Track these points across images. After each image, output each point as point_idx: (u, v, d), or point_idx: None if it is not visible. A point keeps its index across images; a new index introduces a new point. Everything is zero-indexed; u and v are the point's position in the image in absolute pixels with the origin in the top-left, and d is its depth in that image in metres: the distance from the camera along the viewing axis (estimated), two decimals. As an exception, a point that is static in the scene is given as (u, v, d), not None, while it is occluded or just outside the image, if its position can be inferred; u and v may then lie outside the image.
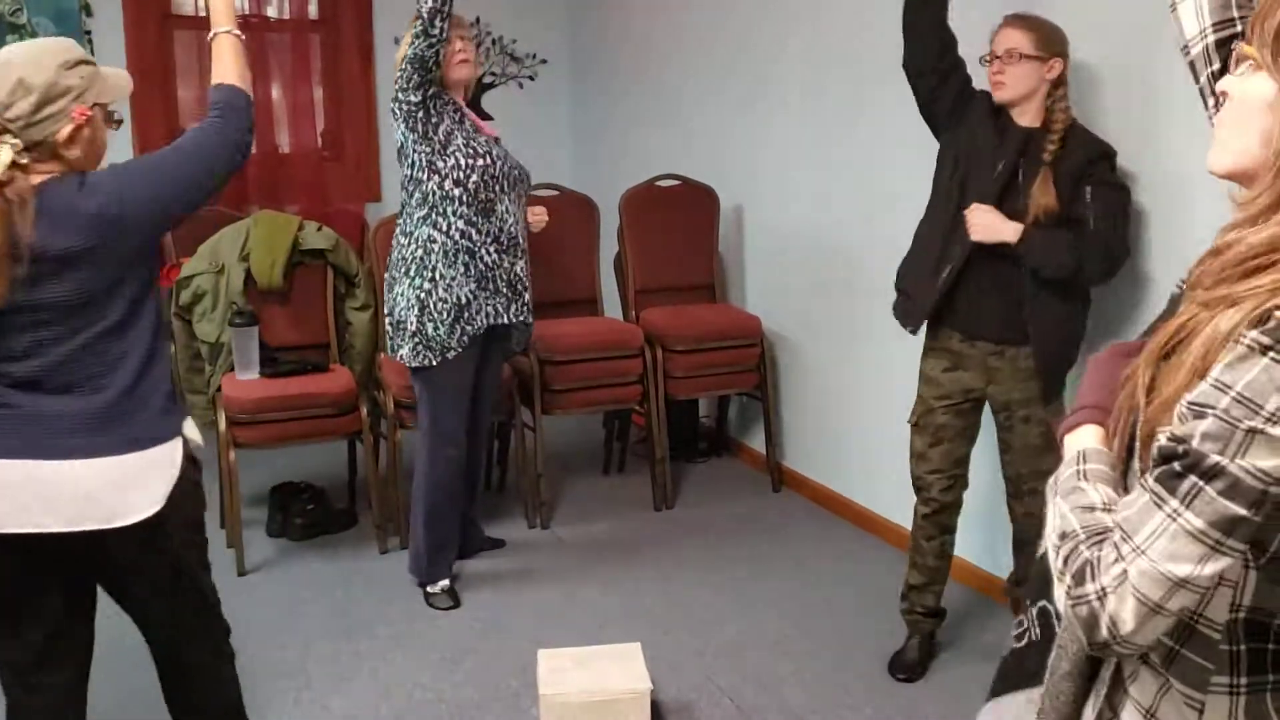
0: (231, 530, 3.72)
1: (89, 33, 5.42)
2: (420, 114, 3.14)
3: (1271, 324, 0.90)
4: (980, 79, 2.77)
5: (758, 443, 4.64)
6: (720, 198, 4.67)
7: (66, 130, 1.88)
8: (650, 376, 4.20)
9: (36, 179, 1.87)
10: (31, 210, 1.83)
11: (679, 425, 4.58)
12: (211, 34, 2.12)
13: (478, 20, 5.93)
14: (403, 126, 3.17)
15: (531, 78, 6.22)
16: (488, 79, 6.07)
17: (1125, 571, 0.95)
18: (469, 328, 3.26)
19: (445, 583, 3.45)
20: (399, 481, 3.87)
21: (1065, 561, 1.01)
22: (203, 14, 5.55)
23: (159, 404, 2.00)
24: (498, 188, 3.23)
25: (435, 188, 3.19)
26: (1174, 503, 0.94)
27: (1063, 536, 1.02)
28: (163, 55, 5.45)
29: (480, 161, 3.18)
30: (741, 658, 3.13)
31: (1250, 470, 0.90)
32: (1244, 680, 1.02)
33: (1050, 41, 2.65)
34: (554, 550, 3.88)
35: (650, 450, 4.28)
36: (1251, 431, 0.90)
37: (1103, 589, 0.96)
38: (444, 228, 3.21)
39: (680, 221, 4.64)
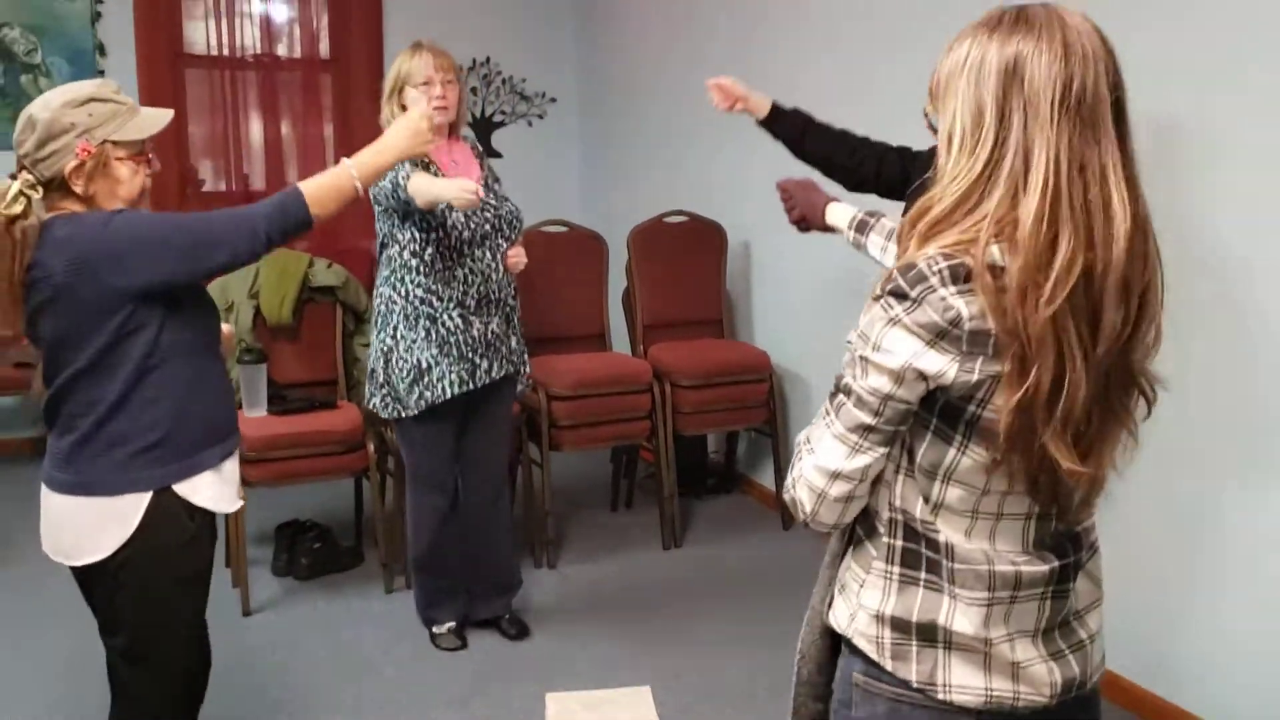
0: (237, 569, 3.70)
1: (102, 72, 5.48)
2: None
3: (886, 280, 1.19)
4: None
5: (767, 479, 4.61)
6: (728, 233, 4.67)
7: (71, 164, 1.90)
8: (659, 412, 4.18)
9: (52, 215, 1.93)
10: (32, 245, 1.88)
11: (687, 461, 4.56)
12: (344, 161, 2.18)
13: (487, 60, 5.99)
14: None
15: (541, 116, 6.25)
16: (498, 118, 6.11)
17: (802, 467, 1.28)
18: (428, 393, 3.12)
19: (451, 624, 3.41)
20: (405, 519, 3.84)
21: (793, 464, 1.33)
22: (214, 53, 5.62)
23: (124, 454, 1.95)
24: (456, 255, 3.11)
25: (397, 254, 3.14)
26: (831, 414, 1.26)
27: (795, 448, 1.34)
28: (175, 93, 5.50)
29: (435, 234, 3.08)
30: (752, 701, 3.08)
31: (866, 388, 1.21)
32: (897, 569, 1.29)
33: None
34: (561, 590, 3.85)
35: (658, 487, 4.25)
36: (864, 359, 1.20)
37: (793, 480, 1.30)
38: (403, 292, 3.13)
39: (688, 257, 4.64)
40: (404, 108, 3.12)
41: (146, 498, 1.96)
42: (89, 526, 1.96)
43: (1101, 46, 1.19)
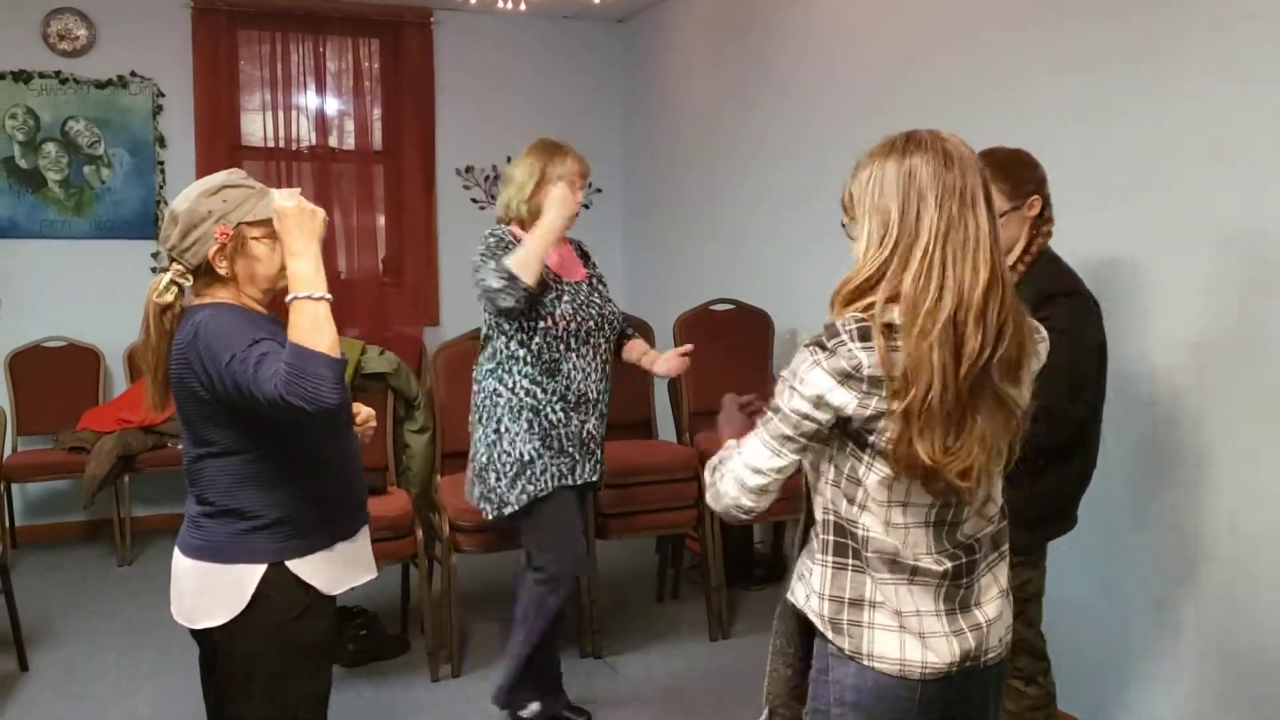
0: (283, 656, 3.67)
1: (162, 163, 5.65)
2: None
3: (817, 334, 1.58)
4: None
5: (815, 570, 4.54)
6: (774, 321, 4.69)
7: (213, 249, 2.03)
8: (705, 501, 4.14)
9: (198, 302, 2.06)
10: (172, 331, 2.04)
11: (734, 551, 4.50)
12: (289, 298, 1.92)
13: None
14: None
15: (586, 206, 6.33)
16: (544, 206, 6.21)
17: (730, 464, 1.67)
18: (530, 487, 3.13)
19: (536, 705, 3.34)
20: (453, 607, 3.82)
21: (710, 473, 1.73)
22: (270, 144, 5.78)
23: (246, 526, 2.05)
24: (562, 346, 3.13)
25: (503, 346, 3.16)
26: (763, 427, 1.64)
27: (714, 461, 1.74)
28: (232, 184, 5.63)
29: (543, 324, 3.10)
30: (805, 799, 3.00)
31: (790, 408, 1.60)
32: (831, 558, 1.67)
33: (1021, 184, 2.52)
34: (607, 681, 3.79)
35: (705, 577, 4.20)
36: (791, 387, 1.59)
37: (720, 475, 1.69)
38: (510, 384, 3.14)
39: (734, 344, 4.65)
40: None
41: (261, 569, 2.05)
42: (208, 591, 2.06)
43: (972, 155, 1.60)
